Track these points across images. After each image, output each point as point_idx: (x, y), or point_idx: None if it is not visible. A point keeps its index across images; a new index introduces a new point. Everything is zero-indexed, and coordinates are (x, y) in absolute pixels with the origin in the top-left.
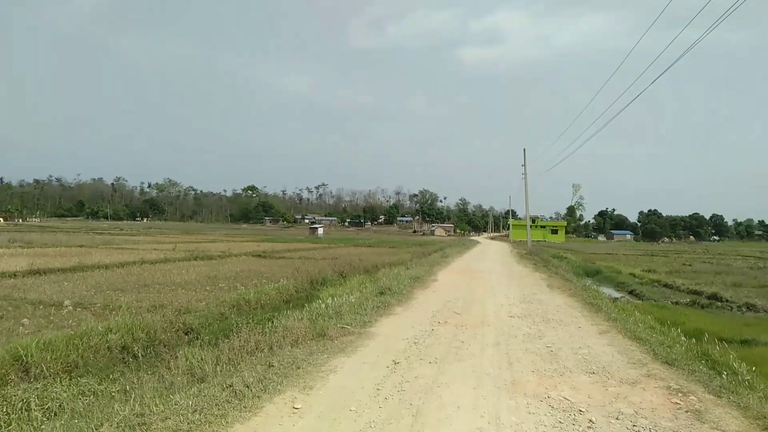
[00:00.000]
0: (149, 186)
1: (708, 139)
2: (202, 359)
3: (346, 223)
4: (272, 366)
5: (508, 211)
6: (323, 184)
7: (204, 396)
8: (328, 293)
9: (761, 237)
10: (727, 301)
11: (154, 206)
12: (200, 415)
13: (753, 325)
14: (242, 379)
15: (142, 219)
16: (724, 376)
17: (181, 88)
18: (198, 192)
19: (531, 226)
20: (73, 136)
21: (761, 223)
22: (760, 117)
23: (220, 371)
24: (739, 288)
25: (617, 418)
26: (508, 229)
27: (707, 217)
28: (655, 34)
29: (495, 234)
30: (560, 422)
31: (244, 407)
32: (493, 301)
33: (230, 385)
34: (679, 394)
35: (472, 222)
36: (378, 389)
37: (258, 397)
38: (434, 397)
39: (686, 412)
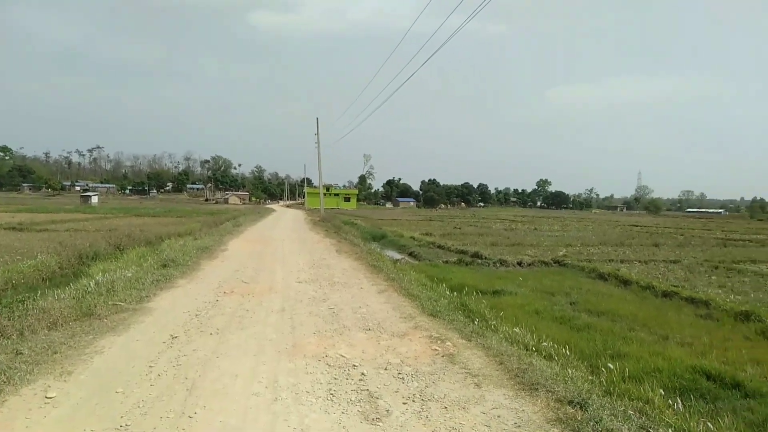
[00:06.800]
0: None
1: (478, 115)
2: None
3: (128, 191)
4: (21, 353)
5: (304, 179)
6: (98, 147)
7: None
8: (100, 268)
9: (515, 203)
10: (485, 258)
11: None
12: None
13: (503, 277)
14: None
15: None
16: (476, 322)
17: None
18: None
19: (325, 194)
20: None
21: (516, 191)
22: (513, 99)
23: None
24: (496, 247)
25: (386, 369)
26: (304, 197)
27: (475, 185)
28: (432, 20)
29: (291, 202)
30: (335, 378)
31: None
32: (283, 268)
33: None
34: (439, 342)
35: (268, 190)
36: (151, 366)
37: None
38: (212, 368)
39: (442, 356)
